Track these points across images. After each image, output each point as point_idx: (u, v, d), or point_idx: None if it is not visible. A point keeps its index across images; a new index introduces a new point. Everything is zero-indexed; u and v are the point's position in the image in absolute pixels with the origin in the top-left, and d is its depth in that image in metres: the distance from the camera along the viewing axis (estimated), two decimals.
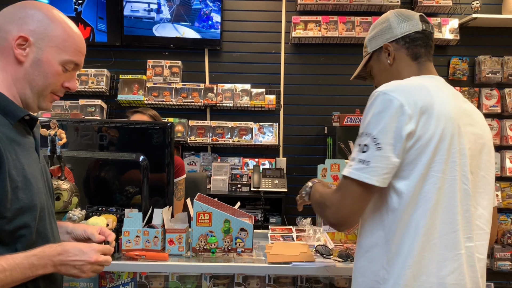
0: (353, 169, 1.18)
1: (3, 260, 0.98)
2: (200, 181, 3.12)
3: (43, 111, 3.60)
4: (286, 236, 2.07)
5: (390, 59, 1.38)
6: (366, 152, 1.17)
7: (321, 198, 1.35)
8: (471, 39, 3.87)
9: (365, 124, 1.21)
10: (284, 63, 3.99)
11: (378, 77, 1.44)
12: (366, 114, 1.22)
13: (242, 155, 3.98)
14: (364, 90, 3.93)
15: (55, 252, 1.07)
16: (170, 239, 1.78)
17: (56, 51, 1.12)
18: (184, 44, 3.93)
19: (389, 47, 1.37)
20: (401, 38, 1.36)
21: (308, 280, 1.84)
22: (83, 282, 1.77)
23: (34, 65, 1.11)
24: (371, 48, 1.44)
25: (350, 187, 1.19)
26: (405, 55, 1.36)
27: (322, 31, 3.78)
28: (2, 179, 1.01)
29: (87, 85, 3.82)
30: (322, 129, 3.96)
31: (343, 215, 1.22)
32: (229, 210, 1.99)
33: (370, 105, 1.21)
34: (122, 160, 1.93)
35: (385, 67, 1.40)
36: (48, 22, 1.12)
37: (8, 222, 1.03)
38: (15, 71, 1.10)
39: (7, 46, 1.09)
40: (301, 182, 4.03)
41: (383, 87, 1.22)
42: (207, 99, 3.83)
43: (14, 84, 1.11)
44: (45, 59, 1.11)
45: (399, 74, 1.36)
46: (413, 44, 1.35)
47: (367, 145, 1.18)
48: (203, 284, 1.82)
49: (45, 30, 1.11)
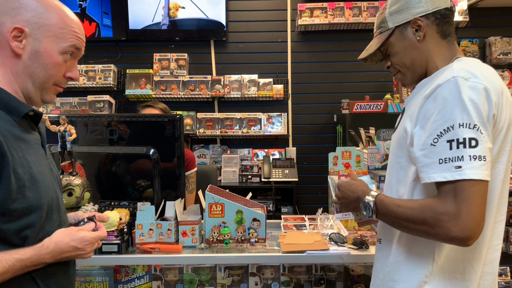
0: (471, 169, 1.03)
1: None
2: (210, 173, 3.12)
3: (52, 108, 3.63)
4: (299, 225, 2.06)
5: (420, 35, 1.25)
6: (478, 147, 1.04)
7: (418, 212, 1.11)
8: (481, 20, 3.80)
9: (457, 114, 1.06)
10: (291, 52, 3.95)
11: (402, 55, 1.30)
12: (450, 103, 1.07)
13: (252, 146, 3.97)
14: (373, 76, 3.90)
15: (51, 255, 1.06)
16: (184, 231, 1.78)
17: (54, 41, 1.08)
18: (189, 37, 3.92)
19: (420, 22, 1.25)
20: (432, 14, 1.24)
21: (322, 268, 1.84)
22: (99, 276, 1.78)
23: (33, 57, 1.06)
24: (393, 23, 1.28)
25: (475, 190, 1.03)
26: (435, 32, 1.26)
27: (329, 18, 3.73)
28: (6, 178, 0.98)
29: (94, 81, 3.82)
30: (331, 117, 3.93)
31: (474, 224, 1.03)
32: (241, 200, 1.98)
33: (454, 93, 1.08)
34: (133, 154, 1.93)
35: (411, 45, 1.27)
36: (43, 11, 1.06)
37: (14, 221, 1.01)
38: (13, 65, 1.06)
39: (2, 40, 1.04)
40: (311, 172, 4.02)
41: (459, 72, 1.11)
42: (215, 91, 3.82)
43: (14, 78, 1.07)
44: (43, 50, 1.07)
45: (428, 52, 1.26)
46: (443, 21, 1.25)
47: (475, 139, 1.04)
48: (217, 275, 1.82)
49: (40, 19, 1.06)
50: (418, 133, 1.13)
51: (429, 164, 1.09)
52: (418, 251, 1.20)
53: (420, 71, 1.28)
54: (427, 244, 1.17)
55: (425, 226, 1.09)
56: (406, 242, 1.22)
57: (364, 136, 2.51)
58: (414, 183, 1.19)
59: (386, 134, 2.19)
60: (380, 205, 1.21)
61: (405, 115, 1.25)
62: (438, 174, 1.06)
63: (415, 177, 1.18)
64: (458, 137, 1.05)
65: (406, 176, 1.21)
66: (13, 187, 0.99)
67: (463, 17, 3.66)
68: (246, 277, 1.83)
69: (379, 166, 2.20)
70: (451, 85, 1.09)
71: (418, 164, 1.12)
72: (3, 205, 0.99)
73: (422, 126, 1.13)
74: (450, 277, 1.16)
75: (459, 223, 1.03)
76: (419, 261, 1.19)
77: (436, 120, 1.09)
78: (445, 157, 1.06)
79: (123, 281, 1.79)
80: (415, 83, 1.31)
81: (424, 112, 1.13)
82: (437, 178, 1.07)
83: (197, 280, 1.83)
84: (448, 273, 1.17)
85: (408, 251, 1.22)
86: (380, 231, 1.36)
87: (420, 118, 1.14)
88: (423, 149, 1.11)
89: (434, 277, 1.17)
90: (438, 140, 1.07)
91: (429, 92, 1.13)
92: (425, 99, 1.14)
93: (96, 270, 1.78)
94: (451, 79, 1.09)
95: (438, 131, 1.08)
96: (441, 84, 1.11)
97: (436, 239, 1.11)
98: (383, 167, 2.18)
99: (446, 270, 1.17)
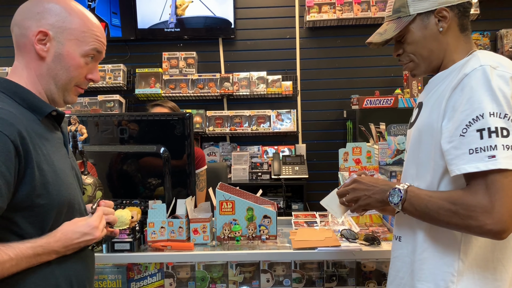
0: (506, 158, 0.99)
1: (10, 250, 0.99)
2: (220, 171, 3.13)
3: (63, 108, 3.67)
4: (310, 222, 2.06)
5: (444, 26, 1.19)
6: (509, 136, 1.00)
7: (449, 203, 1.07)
8: (492, 13, 3.75)
9: (486, 103, 1.02)
10: (299, 48, 3.94)
11: (420, 45, 1.23)
12: (479, 92, 1.04)
13: (261, 143, 3.97)
14: (383, 71, 3.87)
15: (60, 243, 1.08)
16: (195, 229, 1.79)
17: (76, 44, 1.12)
18: (198, 35, 3.92)
19: (445, 12, 1.19)
20: (456, 6, 1.19)
21: (334, 265, 1.83)
22: (112, 274, 1.79)
23: (56, 59, 1.11)
24: (415, 9, 1.21)
25: (508, 181, 0.99)
26: (456, 25, 1.21)
27: (337, 13, 3.71)
28: (31, 174, 1.02)
29: (104, 80, 3.85)
30: (341, 113, 3.91)
31: (509, 216, 0.99)
32: (252, 198, 1.98)
33: (482, 81, 1.04)
34: (143, 153, 1.94)
35: (432, 35, 1.21)
36: (67, 15, 1.11)
37: (36, 216, 1.05)
38: (38, 67, 1.11)
39: (27, 43, 1.09)
40: (321, 168, 4.00)
41: (486, 61, 1.08)
42: (224, 89, 3.82)
43: (38, 80, 1.12)
44: (66, 53, 1.12)
45: (448, 45, 1.21)
46: (464, 15, 1.21)
47: (506, 129, 1.01)
48: (229, 272, 1.83)
49: (63, 23, 1.11)
50: (446, 126, 1.09)
51: (459, 156, 1.05)
52: (442, 248, 1.16)
53: (435, 63, 1.24)
54: (452, 241, 1.14)
55: (456, 219, 1.05)
56: (430, 239, 1.18)
57: (375, 132, 2.50)
58: (440, 178, 1.15)
59: (397, 130, 2.17)
60: (410, 194, 1.15)
61: (425, 110, 1.21)
62: (470, 164, 1.02)
63: (441, 172, 1.14)
64: (489, 126, 1.01)
65: (428, 172, 1.17)
66: (37, 182, 1.03)
67: (474, 9, 3.61)
68: (258, 274, 1.83)
69: (390, 161, 2.18)
70: (479, 73, 1.05)
71: (448, 156, 1.08)
72: (27, 200, 1.02)
73: (450, 118, 1.09)
74: (480, 277, 1.12)
75: (493, 216, 0.99)
76: (444, 258, 1.15)
77: (465, 110, 1.05)
78: (476, 147, 1.02)
79: (135, 279, 1.80)
80: (427, 74, 1.27)
81: (452, 104, 1.09)
82: (468, 169, 1.02)
83: (208, 277, 1.83)
84: (478, 273, 1.12)
85: (432, 248, 1.18)
86: (399, 229, 1.31)
87: (448, 110, 1.10)
88: (452, 141, 1.07)
89: (462, 277, 1.13)
90: (467, 130, 1.03)
91: (456, 83, 1.09)
92: (452, 90, 1.10)
93: (108, 268, 1.79)
94: (479, 68, 1.06)
95: (466, 120, 1.04)
96: (468, 73, 1.07)
97: (468, 232, 1.08)
98: (394, 162, 2.16)
99: (476, 270, 1.13)
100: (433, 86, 1.22)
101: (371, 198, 1.26)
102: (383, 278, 1.81)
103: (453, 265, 1.13)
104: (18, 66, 1.12)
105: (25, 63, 1.11)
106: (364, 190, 1.27)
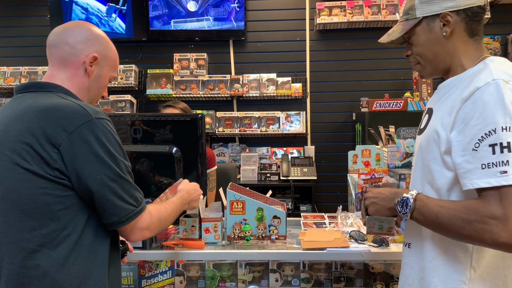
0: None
1: (169, 204, 1.40)
2: (230, 172, 3.16)
3: None
4: (319, 223, 2.08)
5: (447, 31, 1.20)
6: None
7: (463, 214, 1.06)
8: (503, 17, 3.74)
9: (499, 117, 1.03)
10: (309, 51, 3.96)
11: (424, 47, 1.25)
12: (492, 106, 1.04)
13: (270, 144, 4.00)
14: (392, 74, 3.88)
15: (186, 195, 1.54)
16: (206, 228, 1.82)
17: (109, 69, 1.36)
18: (209, 36, 3.96)
19: (449, 17, 1.19)
20: (463, 10, 1.19)
21: (342, 266, 1.85)
22: (123, 271, 1.83)
23: (96, 79, 1.32)
24: (421, 13, 1.23)
25: None
26: (463, 30, 1.21)
27: (347, 16, 3.73)
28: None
29: (116, 81, 3.90)
30: (350, 115, 3.92)
31: None
32: (261, 198, 2.01)
33: (495, 96, 1.05)
34: (156, 153, 1.97)
35: (436, 39, 1.22)
36: (107, 45, 1.35)
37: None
38: (82, 83, 1.30)
39: (77, 61, 1.28)
40: (330, 170, 4.00)
41: (499, 74, 1.08)
42: (234, 90, 3.86)
43: (78, 92, 1.30)
44: (103, 75, 1.35)
45: (454, 49, 1.21)
46: (473, 20, 1.20)
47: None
48: (238, 271, 1.85)
49: (106, 51, 1.34)
50: (457, 138, 1.10)
51: (471, 170, 1.05)
52: (453, 256, 1.15)
53: (442, 66, 1.25)
54: (464, 249, 1.14)
55: (469, 230, 1.04)
56: (440, 247, 1.18)
57: (384, 135, 2.51)
58: (448, 188, 1.15)
59: (406, 133, 2.18)
60: (419, 203, 1.14)
61: (435, 118, 1.21)
62: (482, 180, 1.03)
63: (450, 182, 1.15)
64: (501, 141, 1.02)
65: (437, 180, 1.17)
66: None
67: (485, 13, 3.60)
68: (267, 274, 1.85)
69: (399, 164, 2.19)
70: (492, 88, 1.06)
71: (459, 170, 1.08)
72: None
73: (461, 131, 1.09)
74: (491, 285, 1.13)
75: (507, 228, 0.99)
76: (455, 266, 1.15)
77: (477, 124, 1.05)
78: (488, 162, 1.02)
79: (146, 276, 1.83)
80: (435, 76, 1.28)
81: (463, 116, 1.09)
82: (481, 184, 1.03)
83: (218, 276, 1.86)
84: (489, 281, 1.13)
85: (442, 256, 1.17)
86: (408, 235, 1.31)
87: (457, 122, 1.10)
88: (464, 154, 1.07)
89: (473, 285, 1.12)
90: (479, 144, 1.04)
91: (467, 95, 1.09)
92: (462, 102, 1.10)
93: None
94: (492, 82, 1.06)
95: (479, 135, 1.05)
96: (480, 87, 1.07)
97: (480, 244, 1.07)
98: (403, 165, 2.18)
99: (487, 278, 1.13)
100: (443, 93, 1.23)
101: (379, 205, 1.27)
102: (391, 280, 1.82)
103: (465, 273, 1.13)
104: (57, 76, 1.27)
105: (68, 76, 1.28)
106: (372, 198, 1.29)
